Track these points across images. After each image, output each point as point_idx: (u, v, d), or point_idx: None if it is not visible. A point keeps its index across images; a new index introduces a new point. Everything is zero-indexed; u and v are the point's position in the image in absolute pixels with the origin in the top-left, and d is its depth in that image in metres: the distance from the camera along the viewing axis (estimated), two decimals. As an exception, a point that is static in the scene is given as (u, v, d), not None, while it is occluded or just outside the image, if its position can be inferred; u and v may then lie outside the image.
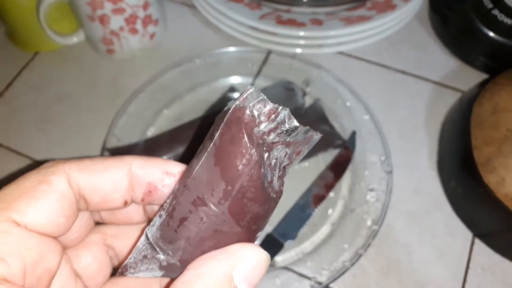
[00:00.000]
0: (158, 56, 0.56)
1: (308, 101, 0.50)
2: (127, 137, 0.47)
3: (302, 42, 0.53)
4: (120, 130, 0.47)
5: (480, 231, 0.43)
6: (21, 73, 0.55)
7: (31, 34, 0.54)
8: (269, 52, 0.53)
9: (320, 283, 0.39)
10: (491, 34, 0.51)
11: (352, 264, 0.40)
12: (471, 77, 0.54)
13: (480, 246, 0.43)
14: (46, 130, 0.50)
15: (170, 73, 0.51)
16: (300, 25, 0.52)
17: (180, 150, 0.43)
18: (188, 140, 0.43)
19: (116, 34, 0.52)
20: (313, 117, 0.46)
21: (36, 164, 0.47)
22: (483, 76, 0.54)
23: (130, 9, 0.50)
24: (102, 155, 0.46)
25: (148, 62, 0.55)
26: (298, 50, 0.54)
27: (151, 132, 0.49)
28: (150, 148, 0.43)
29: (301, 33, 0.51)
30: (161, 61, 0.55)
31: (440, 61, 0.55)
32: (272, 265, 0.41)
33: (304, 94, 0.49)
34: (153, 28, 0.54)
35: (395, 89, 0.53)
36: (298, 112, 0.48)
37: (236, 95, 0.52)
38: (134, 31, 0.53)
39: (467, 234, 0.43)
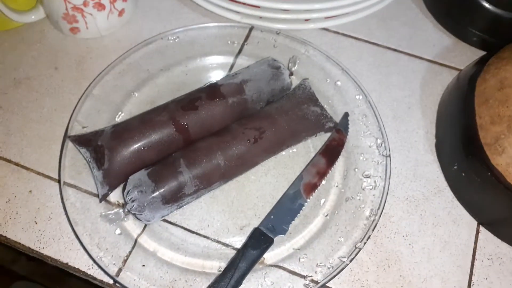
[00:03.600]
0: (129, 36, 0.50)
1: (295, 81, 0.45)
2: (93, 124, 0.42)
3: (287, 16, 0.48)
4: (85, 116, 0.42)
5: (486, 219, 0.39)
6: (-27, 55, 0.49)
7: (-18, 10, 0.48)
8: (251, 28, 0.48)
9: (315, 282, 0.35)
10: (488, 6, 0.47)
11: (351, 260, 0.36)
12: (467, 54, 0.50)
13: (486, 234, 0.39)
14: (3, 118, 0.45)
15: (140, 52, 0.46)
16: (284, -3, 0.47)
17: (154, 137, 0.38)
18: (163, 125, 0.38)
19: (79, 10, 0.46)
20: (301, 98, 0.42)
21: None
22: (479, 53, 0.50)
23: (94, -20, 0.44)
24: (63, 144, 0.41)
25: (117, 42, 0.50)
26: (283, 26, 0.49)
27: (120, 118, 0.43)
28: (119, 135, 0.38)
29: (286, 6, 0.47)
30: (131, 41, 0.50)
31: (433, 38, 0.52)
32: (261, 263, 0.36)
33: (291, 74, 0.44)
34: (122, 3, 0.49)
35: (387, 68, 0.49)
36: (285, 93, 0.43)
37: (215, 75, 0.47)
38: (100, 6, 0.47)
39: (472, 222, 0.40)
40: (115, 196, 0.40)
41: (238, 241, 0.38)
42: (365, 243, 0.36)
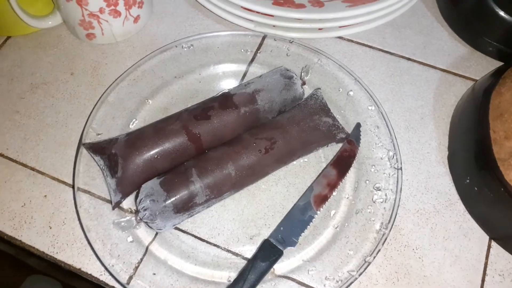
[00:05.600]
0: (143, 42, 0.51)
1: (307, 90, 0.45)
2: (107, 131, 0.42)
3: (300, 25, 0.48)
4: (100, 123, 0.43)
5: (498, 234, 0.39)
6: (-9, 59, 0.50)
7: (1, 16, 0.49)
8: (264, 37, 0.49)
9: (324, 295, 0.35)
10: (505, 15, 0.46)
11: (360, 274, 0.36)
12: (483, 64, 0.50)
13: (497, 250, 0.39)
14: (19, 123, 0.46)
15: (155, 59, 0.47)
16: (298, 6, 0.47)
17: (167, 145, 0.38)
18: (176, 134, 0.39)
19: (95, 17, 0.47)
20: (313, 108, 0.42)
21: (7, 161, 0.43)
22: (495, 63, 0.50)
23: (111, -12, 0.45)
24: (78, 149, 0.41)
25: (132, 48, 0.51)
26: (296, 35, 0.49)
27: (134, 125, 0.44)
28: (132, 143, 0.38)
29: (300, 16, 0.47)
30: (146, 47, 0.50)
31: (448, 47, 0.51)
32: (270, 273, 0.37)
33: (303, 83, 0.44)
34: (137, 10, 0.49)
35: (400, 77, 0.49)
36: (297, 103, 0.43)
37: (228, 83, 0.47)
38: (116, 13, 0.48)
39: (483, 236, 0.40)
40: (128, 203, 0.40)
41: (248, 251, 0.39)
42: (374, 257, 0.36)
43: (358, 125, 0.43)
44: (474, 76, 0.49)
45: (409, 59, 0.50)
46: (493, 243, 0.39)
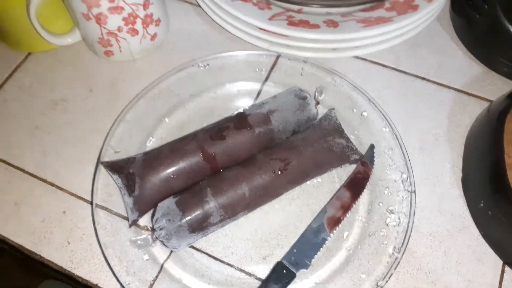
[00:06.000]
0: (160, 59, 0.52)
1: (321, 109, 0.46)
2: (125, 149, 0.43)
3: (315, 45, 0.48)
4: (118, 141, 0.43)
5: (512, 259, 0.39)
6: (13, 75, 0.51)
7: (22, 33, 0.50)
8: (278, 56, 0.49)
9: (336, 319, 0.35)
10: (522, 37, 0.46)
11: (373, 299, 0.36)
12: (498, 85, 0.50)
13: (511, 275, 0.39)
14: (39, 138, 0.47)
15: (172, 78, 0.47)
16: (313, 26, 0.48)
17: (182, 165, 0.39)
18: (191, 154, 0.39)
19: (114, 35, 0.48)
20: (327, 129, 0.42)
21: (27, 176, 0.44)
22: (510, 84, 0.50)
23: (129, 7, 0.46)
24: (97, 166, 0.42)
25: (149, 65, 0.52)
26: (311, 54, 0.49)
27: (151, 143, 0.45)
28: (149, 163, 0.39)
29: (314, 36, 0.47)
30: (163, 64, 0.51)
31: (463, 67, 0.51)
32: (282, 295, 0.37)
33: (317, 103, 0.45)
34: (154, 28, 0.50)
35: (415, 97, 0.49)
36: (311, 123, 0.44)
37: (242, 101, 0.48)
38: (133, 31, 0.49)
39: (497, 261, 0.39)
40: (144, 220, 0.41)
41: (261, 271, 0.39)
42: (387, 281, 0.37)
43: (372, 147, 0.43)
44: (489, 96, 0.49)
45: (423, 78, 0.51)
46: (507, 268, 0.39)
